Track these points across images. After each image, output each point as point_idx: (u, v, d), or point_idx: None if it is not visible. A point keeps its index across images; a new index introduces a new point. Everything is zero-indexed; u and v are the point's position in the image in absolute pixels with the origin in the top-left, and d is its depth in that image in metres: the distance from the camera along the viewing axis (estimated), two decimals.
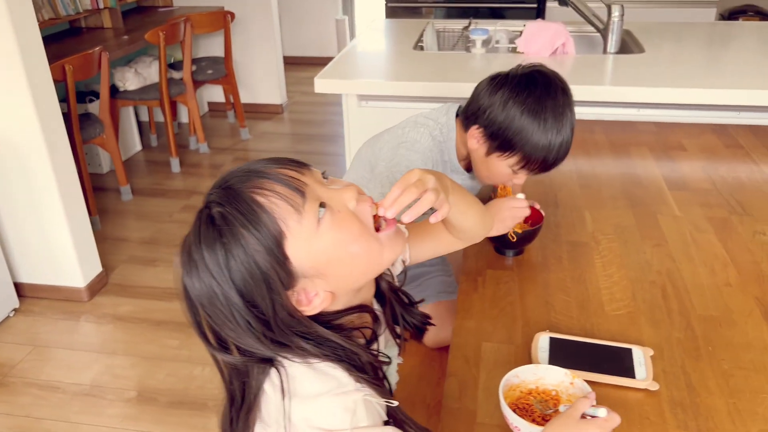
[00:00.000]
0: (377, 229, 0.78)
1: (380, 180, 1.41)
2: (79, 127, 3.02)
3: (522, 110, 1.26)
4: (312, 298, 0.76)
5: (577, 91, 2.09)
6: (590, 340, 1.11)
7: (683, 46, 2.53)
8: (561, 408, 0.90)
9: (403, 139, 1.40)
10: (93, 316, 2.59)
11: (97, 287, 2.70)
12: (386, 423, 0.79)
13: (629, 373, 1.04)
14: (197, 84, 3.96)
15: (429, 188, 0.78)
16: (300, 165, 0.77)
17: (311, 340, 0.75)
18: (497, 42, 2.59)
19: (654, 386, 1.02)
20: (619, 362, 1.06)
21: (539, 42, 2.38)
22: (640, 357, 1.07)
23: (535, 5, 3.96)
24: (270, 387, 0.75)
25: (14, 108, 2.24)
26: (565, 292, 1.27)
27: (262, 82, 4.62)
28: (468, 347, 1.13)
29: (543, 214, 1.40)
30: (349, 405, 0.73)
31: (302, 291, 0.76)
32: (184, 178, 3.75)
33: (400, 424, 0.80)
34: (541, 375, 0.98)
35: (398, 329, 0.93)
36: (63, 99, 3.51)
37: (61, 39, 3.64)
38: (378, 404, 0.76)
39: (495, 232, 1.33)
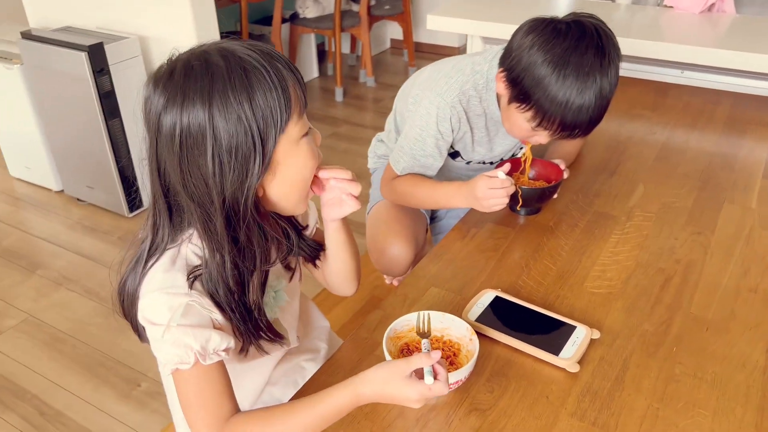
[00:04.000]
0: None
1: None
2: None
3: (544, 58, 1.13)
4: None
5: (723, 57, 1.82)
6: (536, 308, 1.03)
7: None
8: (422, 342, 0.87)
9: (434, 84, 1.34)
10: None
11: None
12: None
13: (554, 349, 0.95)
14: (373, 18, 4.08)
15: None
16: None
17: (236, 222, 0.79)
18: None
19: (574, 368, 0.93)
20: (553, 337, 0.98)
21: None
22: (579, 337, 0.97)
23: None
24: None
25: (174, 18, 2.55)
26: (553, 260, 1.17)
27: None
28: (414, 288, 1.11)
29: (565, 175, 1.29)
30: (174, 305, 0.78)
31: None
32: (344, 108, 3.95)
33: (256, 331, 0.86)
34: (448, 325, 0.95)
35: (290, 259, 0.97)
36: (255, 21, 3.90)
37: None
38: (209, 311, 0.80)
39: (468, 206, 1.28)
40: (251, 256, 0.82)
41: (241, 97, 0.74)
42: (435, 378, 0.78)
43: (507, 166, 1.24)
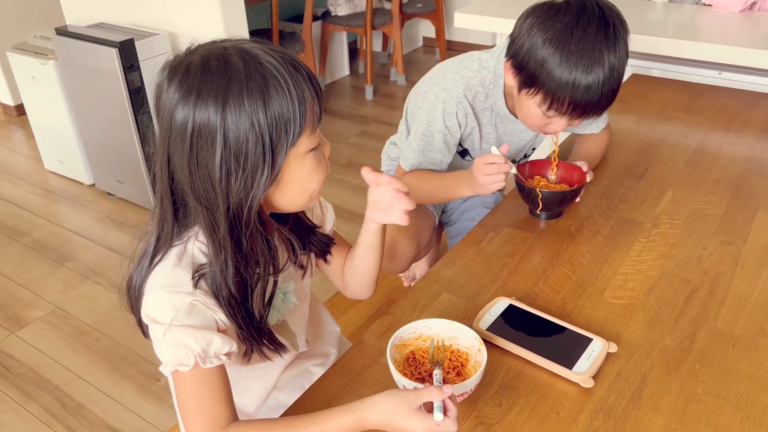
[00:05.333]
0: None
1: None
2: (280, 43, 3.33)
3: (545, 38, 1.09)
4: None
5: (764, 58, 1.74)
6: (551, 318, 0.99)
7: None
8: (435, 373, 0.83)
9: (440, 80, 1.32)
10: None
11: None
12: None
13: (568, 362, 0.91)
14: (406, 16, 4.05)
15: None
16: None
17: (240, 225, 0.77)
18: None
19: (588, 383, 0.88)
20: (567, 349, 0.93)
21: None
22: (595, 350, 0.93)
23: None
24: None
25: (203, 16, 2.56)
26: (572, 268, 1.13)
27: None
28: (425, 293, 1.08)
29: (587, 178, 1.24)
30: (177, 304, 0.77)
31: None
32: (374, 106, 3.93)
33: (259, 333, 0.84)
34: (456, 333, 0.91)
35: (302, 256, 0.95)
36: (287, 18, 3.90)
37: None
38: (213, 312, 0.79)
39: (473, 193, 1.24)
40: (254, 263, 0.81)
41: (257, 104, 0.72)
42: (445, 414, 0.75)
43: (505, 147, 1.18)
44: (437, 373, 0.83)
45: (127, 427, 1.74)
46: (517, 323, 0.99)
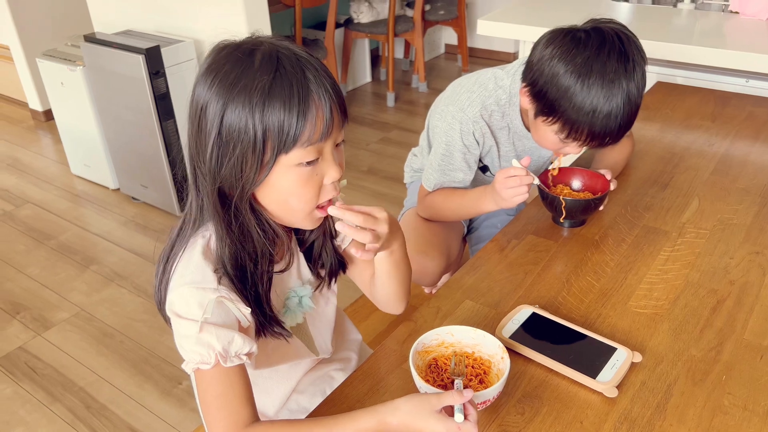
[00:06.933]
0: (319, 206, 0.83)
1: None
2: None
3: (566, 69, 1.10)
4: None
5: None
6: (575, 327, 0.98)
7: None
8: (456, 383, 0.83)
9: (455, 99, 1.33)
10: None
11: None
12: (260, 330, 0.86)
13: (592, 371, 0.90)
14: (428, 24, 4.06)
15: (377, 232, 0.83)
16: (346, 115, 0.80)
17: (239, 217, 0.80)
18: None
19: (612, 393, 0.88)
20: (591, 358, 0.93)
21: (759, 1, 1.96)
22: (619, 360, 0.92)
23: None
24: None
25: (228, 23, 2.59)
26: (596, 276, 1.12)
27: None
28: (448, 301, 1.08)
29: (611, 186, 1.23)
30: (203, 300, 0.78)
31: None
32: (395, 113, 3.94)
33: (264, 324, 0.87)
34: (479, 341, 0.91)
35: (321, 271, 0.97)
36: (310, 26, 3.94)
37: None
38: (236, 308, 0.80)
39: (497, 207, 1.23)
40: (251, 248, 0.82)
41: (257, 103, 0.73)
42: (465, 417, 0.75)
43: (526, 160, 1.18)
44: (458, 382, 0.83)
45: (149, 430, 1.76)
46: (541, 332, 0.98)
